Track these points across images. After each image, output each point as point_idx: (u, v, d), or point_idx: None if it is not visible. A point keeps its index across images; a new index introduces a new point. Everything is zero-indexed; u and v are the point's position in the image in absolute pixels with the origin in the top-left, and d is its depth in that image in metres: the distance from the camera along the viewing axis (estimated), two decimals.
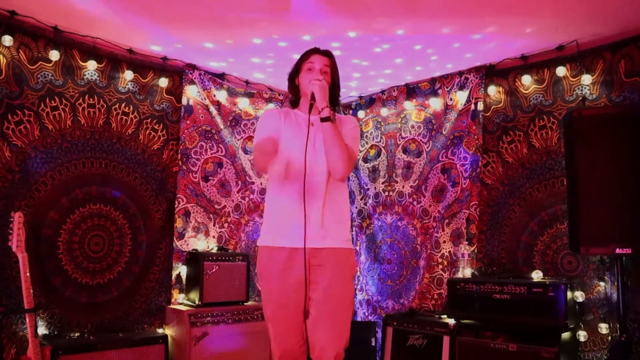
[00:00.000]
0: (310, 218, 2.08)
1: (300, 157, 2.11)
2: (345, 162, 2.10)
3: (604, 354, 3.11)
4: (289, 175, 2.15)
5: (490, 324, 3.19)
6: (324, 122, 2.07)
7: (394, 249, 4.34)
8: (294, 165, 2.13)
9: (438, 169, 4.05)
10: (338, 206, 2.20)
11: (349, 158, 2.12)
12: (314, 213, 2.10)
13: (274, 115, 2.28)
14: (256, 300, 4.18)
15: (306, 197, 2.07)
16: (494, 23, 3.14)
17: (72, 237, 3.38)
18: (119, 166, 3.60)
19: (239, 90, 4.26)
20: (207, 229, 4.00)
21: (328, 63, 2.24)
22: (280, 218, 2.15)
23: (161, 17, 3.12)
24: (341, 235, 2.18)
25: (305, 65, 2.24)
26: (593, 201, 2.79)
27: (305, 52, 2.29)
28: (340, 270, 2.13)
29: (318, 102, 2.08)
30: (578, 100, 3.36)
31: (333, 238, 2.14)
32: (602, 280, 3.15)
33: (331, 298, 2.08)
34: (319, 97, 2.08)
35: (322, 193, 2.13)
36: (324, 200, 2.13)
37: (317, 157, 2.14)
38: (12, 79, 3.15)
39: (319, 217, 2.11)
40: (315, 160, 2.13)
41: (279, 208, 2.17)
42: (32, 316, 2.76)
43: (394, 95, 4.41)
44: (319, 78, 2.15)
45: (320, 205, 2.12)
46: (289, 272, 2.10)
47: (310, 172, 2.11)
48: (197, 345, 3.40)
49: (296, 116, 2.27)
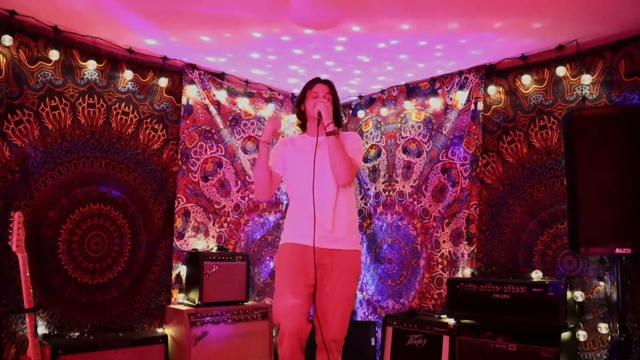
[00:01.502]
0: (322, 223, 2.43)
1: (309, 173, 2.44)
2: (346, 170, 2.45)
3: (604, 354, 3.11)
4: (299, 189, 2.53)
5: (490, 324, 3.19)
6: (329, 135, 2.44)
7: (394, 249, 4.34)
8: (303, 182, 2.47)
9: (438, 168, 4.05)
10: (347, 212, 2.52)
11: (350, 167, 2.47)
12: (325, 219, 2.45)
13: (279, 147, 2.67)
14: (256, 300, 4.19)
15: (316, 205, 2.41)
16: (494, 23, 3.13)
17: (72, 236, 3.38)
18: (119, 166, 3.60)
19: (239, 90, 4.26)
20: (207, 229, 4.00)
21: (329, 91, 2.62)
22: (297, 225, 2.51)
23: (160, 14, 3.10)
24: (350, 238, 2.51)
25: (310, 94, 2.62)
26: (593, 201, 2.79)
27: (309, 82, 2.69)
28: (346, 270, 2.49)
29: (324, 119, 2.45)
30: (578, 100, 3.36)
31: (343, 241, 2.48)
32: (601, 280, 3.15)
33: (338, 294, 2.45)
34: (324, 114, 2.46)
35: (332, 202, 2.48)
36: (334, 208, 2.47)
37: (324, 171, 2.47)
38: (12, 79, 3.15)
39: (330, 222, 2.45)
40: (323, 173, 2.47)
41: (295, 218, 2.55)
42: (32, 316, 2.76)
43: (394, 95, 4.41)
44: (322, 101, 2.53)
45: (331, 212, 2.46)
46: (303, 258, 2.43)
47: (319, 184, 2.44)
48: (197, 345, 3.40)
49: (304, 139, 2.64)
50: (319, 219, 2.41)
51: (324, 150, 2.47)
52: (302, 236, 2.45)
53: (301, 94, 2.68)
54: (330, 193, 2.48)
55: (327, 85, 2.64)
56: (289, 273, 2.45)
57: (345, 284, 2.48)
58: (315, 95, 2.60)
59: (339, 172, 2.45)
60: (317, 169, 2.44)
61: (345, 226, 2.50)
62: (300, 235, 2.47)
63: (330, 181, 2.48)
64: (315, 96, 2.60)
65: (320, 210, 2.42)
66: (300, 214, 2.50)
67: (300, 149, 2.59)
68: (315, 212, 2.40)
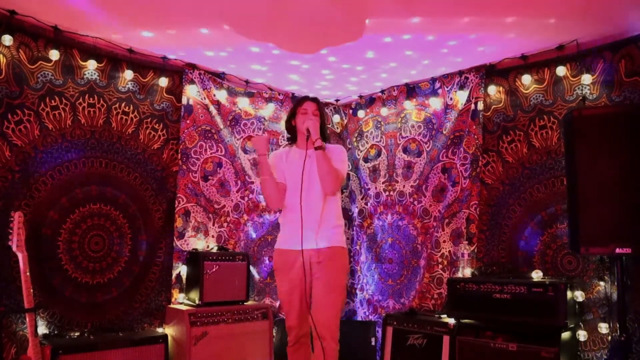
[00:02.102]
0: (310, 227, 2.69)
1: (299, 183, 2.69)
2: (333, 180, 2.71)
3: (604, 354, 3.11)
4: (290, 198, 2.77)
5: (490, 324, 3.19)
6: (317, 150, 2.68)
7: (394, 249, 4.34)
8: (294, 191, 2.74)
9: (438, 168, 4.05)
10: (333, 217, 2.78)
11: (336, 178, 2.73)
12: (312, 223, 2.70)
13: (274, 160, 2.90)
14: (256, 299, 4.19)
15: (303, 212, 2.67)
16: (493, 23, 3.13)
17: (72, 236, 3.38)
18: (119, 166, 3.60)
19: (239, 89, 4.26)
20: (207, 229, 4.00)
21: (317, 107, 2.86)
22: (288, 232, 2.77)
23: (158, 12, 3.09)
24: (335, 237, 2.76)
25: (300, 110, 2.85)
26: (593, 201, 2.79)
27: (298, 100, 2.94)
28: (333, 262, 2.72)
29: (313, 135, 2.70)
30: (578, 100, 3.36)
31: (328, 240, 2.72)
32: (602, 280, 3.15)
33: (325, 282, 2.69)
34: (313, 131, 2.71)
35: (320, 208, 2.73)
36: (320, 214, 2.73)
37: (313, 181, 2.72)
38: (12, 79, 3.15)
39: (316, 226, 2.70)
40: (311, 183, 2.72)
41: (286, 225, 2.80)
42: (32, 316, 2.76)
43: (394, 95, 4.41)
44: (311, 118, 2.77)
45: (318, 217, 2.71)
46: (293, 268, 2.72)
47: (308, 193, 2.71)
48: (197, 344, 3.40)
49: (294, 152, 2.87)
50: (307, 225, 2.68)
51: (312, 163, 2.72)
52: (293, 242, 2.70)
53: (291, 111, 2.94)
54: (318, 201, 2.73)
55: (315, 103, 2.87)
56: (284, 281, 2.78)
57: (332, 273, 2.70)
58: (304, 112, 2.83)
59: (327, 182, 2.70)
60: (305, 179, 2.70)
61: (332, 228, 2.75)
62: (291, 242, 2.72)
63: (318, 190, 2.73)
64: (304, 112, 2.83)
65: (308, 216, 2.69)
66: (291, 221, 2.74)
67: (292, 161, 2.83)
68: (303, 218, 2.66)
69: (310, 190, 2.72)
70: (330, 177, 2.69)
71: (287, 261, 2.74)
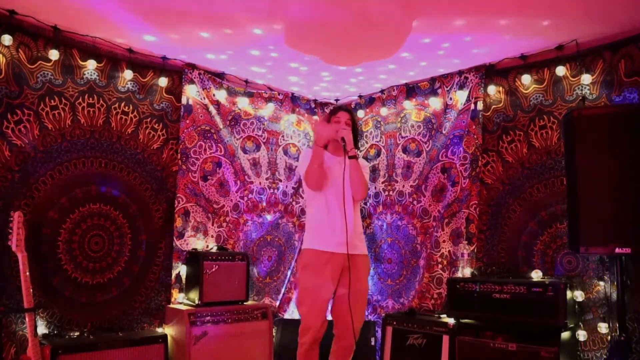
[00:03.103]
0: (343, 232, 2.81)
1: (340, 189, 2.83)
2: (364, 189, 2.92)
3: (604, 354, 3.11)
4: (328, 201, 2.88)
5: (489, 324, 3.19)
6: (351, 159, 2.84)
7: (394, 249, 4.34)
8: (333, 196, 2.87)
9: (438, 168, 4.05)
10: (359, 223, 2.99)
11: (366, 186, 2.95)
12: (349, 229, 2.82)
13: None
14: (255, 299, 4.19)
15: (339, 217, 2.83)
16: (493, 23, 3.13)
17: (72, 236, 3.38)
18: (118, 166, 3.60)
19: (239, 89, 4.25)
20: (206, 229, 4.00)
21: (349, 117, 3.01)
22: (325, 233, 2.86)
23: (159, 13, 3.09)
24: (363, 244, 2.98)
25: (334, 119, 3.01)
26: (593, 201, 2.79)
27: (332, 109, 3.13)
28: (363, 270, 2.94)
29: (348, 144, 2.84)
30: (578, 100, 3.36)
31: (359, 247, 2.92)
32: (601, 280, 3.15)
33: (359, 290, 2.87)
34: (348, 141, 2.85)
35: (351, 215, 2.86)
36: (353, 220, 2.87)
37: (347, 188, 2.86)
38: (12, 79, 3.14)
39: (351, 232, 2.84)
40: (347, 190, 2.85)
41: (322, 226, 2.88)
42: (32, 315, 2.76)
43: (394, 95, 4.41)
44: (345, 127, 2.91)
45: (352, 223, 2.84)
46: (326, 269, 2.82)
47: (347, 199, 2.83)
48: (196, 344, 3.40)
49: (330, 158, 2.98)
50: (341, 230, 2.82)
51: (346, 172, 2.86)
52: (330, 244, 2.83)
53: (325, 119, 3.12)
54: (351, 207, 2.89)
55: (348, 113, 3.03)
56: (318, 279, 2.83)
57: (362, 282, 2.92)
58: (337, 120, 2.98)
59: (359, 189, 2.88)
60: (346, 186, 2.84)
61: (359, 234, 2.96)
62: (327, 243, 2.84)
63: (350, 197, 2.89)
64: (337, 121, 2.98)
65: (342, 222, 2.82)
66: (327, 224, 2.86)
67: (330, 166, 2.94)
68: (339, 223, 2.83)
69: (347, 196, 2.86)
70: (363, 186, 2.89)
71: (320, 261, 2.83)
